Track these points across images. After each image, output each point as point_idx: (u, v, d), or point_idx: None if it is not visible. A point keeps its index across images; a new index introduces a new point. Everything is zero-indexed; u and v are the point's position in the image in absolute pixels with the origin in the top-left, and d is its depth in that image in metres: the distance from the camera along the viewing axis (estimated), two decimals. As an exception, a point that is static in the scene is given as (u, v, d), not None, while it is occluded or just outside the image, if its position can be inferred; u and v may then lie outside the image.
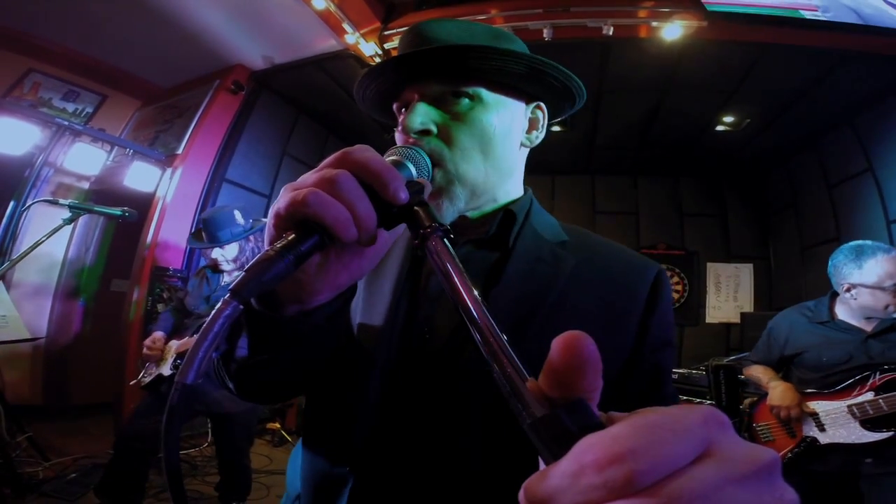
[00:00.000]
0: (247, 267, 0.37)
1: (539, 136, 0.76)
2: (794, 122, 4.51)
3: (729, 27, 3.14)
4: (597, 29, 3.38)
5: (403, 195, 0.43)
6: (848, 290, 1.95)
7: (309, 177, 0.42)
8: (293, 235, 0.39)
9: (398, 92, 0.71)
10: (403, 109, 0.71)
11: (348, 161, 0.43)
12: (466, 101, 0.67)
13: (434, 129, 0.65)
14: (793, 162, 5.30)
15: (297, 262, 0.38)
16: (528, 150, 0.77)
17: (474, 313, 0.33)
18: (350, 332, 0.69)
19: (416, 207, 0.44)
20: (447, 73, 0.67)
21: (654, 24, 3.25)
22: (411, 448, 0.62)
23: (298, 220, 0.40)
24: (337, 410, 0.68)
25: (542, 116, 0.76)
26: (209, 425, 3.66)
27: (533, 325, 0.63)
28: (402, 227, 0.46)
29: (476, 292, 0.35)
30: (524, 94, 0.73)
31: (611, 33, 3.36)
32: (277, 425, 4.32)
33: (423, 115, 0.65)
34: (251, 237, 2.62)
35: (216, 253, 2.57)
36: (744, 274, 5.77)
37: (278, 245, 0.38)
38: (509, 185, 0.74)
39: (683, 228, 6.05)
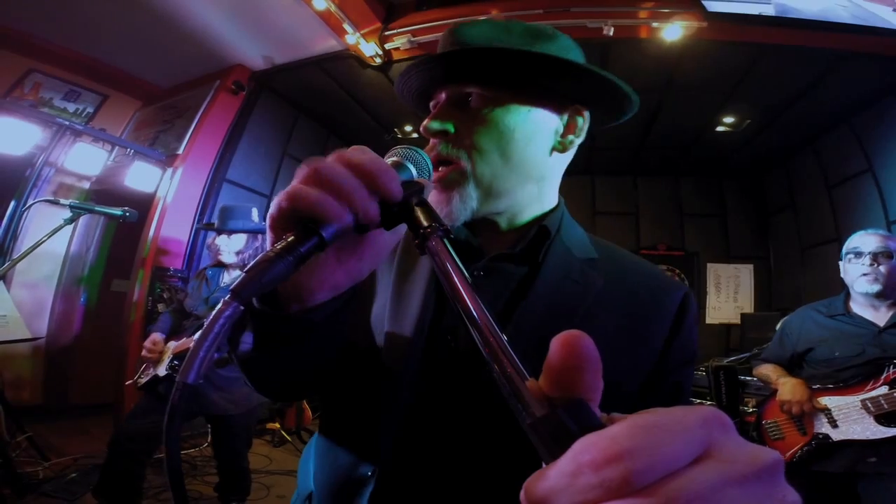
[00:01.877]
0: (247, 268, 0.37)
1: (575, 140, 0.73)
2: (793, 123, 4.50)
3: (728, 28, 3.14)
4: (597, 29, 3.38)
5: (396, 189, 0.43)
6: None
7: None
8: (293, 237, 0.39)
9: (432, 91, 0.73)
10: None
11: (341, 163, 0.43)
12: (490, 106, 0.67)
13: (451, 129, 0.66)
14: (792, 162, 5.30)
15: (296, 263, 0.38)
16: (564, 155, 0.74)
17: (474, 313, 0.33)
18: (369, 335, 0.70)
19: (415, 207, 0.44)
20: (471, 75, 0.67)
21: (655, 24, 3.25)
22: (436, 453, 0.63)
23: (291, 219, 0.41)
24: (362, 412, 0.68)
25: (582, 120, 0.72)
26: (208, 426, 3.65)
27: None
28: (404, 228, 0.46)
29: (474, 291, 0.35)
30: (557, 96, 0.71)
31: (611, 34, 3.36)
32: (277, 425, 4.31)
33: (440, 118, 0.66)
34: (260, 236, 2.64)
35: (221, 240, 2.57)
36: (744, 275, 5.77)
37: (278, 246, 0.38)
38: (538, 191, 0.73)
39: (683, 229, 6.05)
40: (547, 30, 0.71)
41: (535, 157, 0.70)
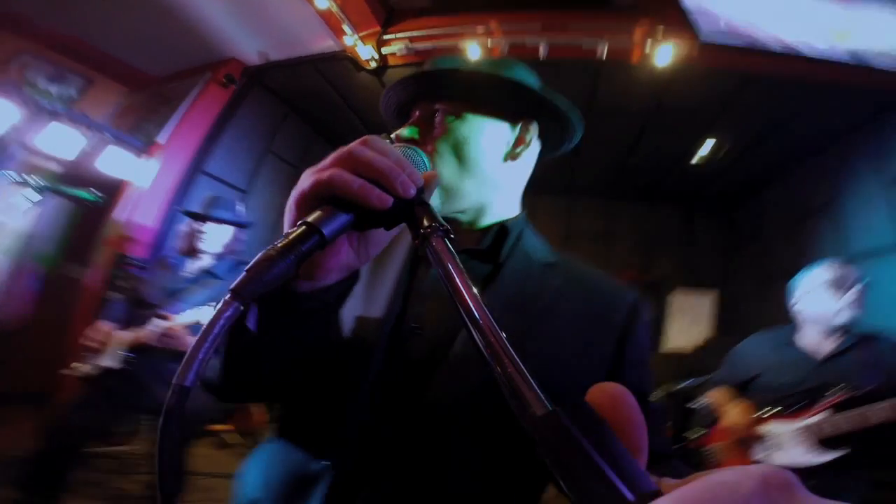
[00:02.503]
0: (247, 267, 0.37)
1: (525, 149, 0.82)
2: (767, 154, 4.57)
3: (718, 55, 3.20)
4: (591, 49, 3.45)
5: (411, 190, 0.45)
6: (795, 304, 2.09)
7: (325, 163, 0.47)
8: (293, 234, 0.40)
9: (410, 108, 0.83)
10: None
11: (350, 160, 0.45)
12: (451, 117, 0.76)
13: (417, 136, 0.75)
14: (763, 194, 5.42)
15: (297, 262, 0.39)
16: (517, 164, 0.82)
17: (475, 313, 0.34)
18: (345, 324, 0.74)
19: (417, 207, 0.45)
20: (438, 94, 0.79)
21: (648, 47, 3.32)
22: (395, 445, 0.64)
23: (322, 199, 0.44)
24: (324, 405, 0.70)
25: (531, 134, 0.82)
26: (141, 422, 3.36)
27: (517, 335, 0.66)
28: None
29: (476, 291, 0.36)
30: (509, 112, 0.80)
31: (605, 55, 3.44)
32: (223, 427, 4.04)
33: (410, 128, 0.76)
34: (243, 231, 2.60)
35: (209, 227, 2.47)
36: (706, 303, 5.93)
37: (279, 244, 0.39)
38: (496, 197, 0.81)
39: (654, 255, 6.18)
40: (508, 60, 0.84)
41: (489, 164, 0.78)
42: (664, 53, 3.28)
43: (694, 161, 4.89)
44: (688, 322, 5.88)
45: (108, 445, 3.35)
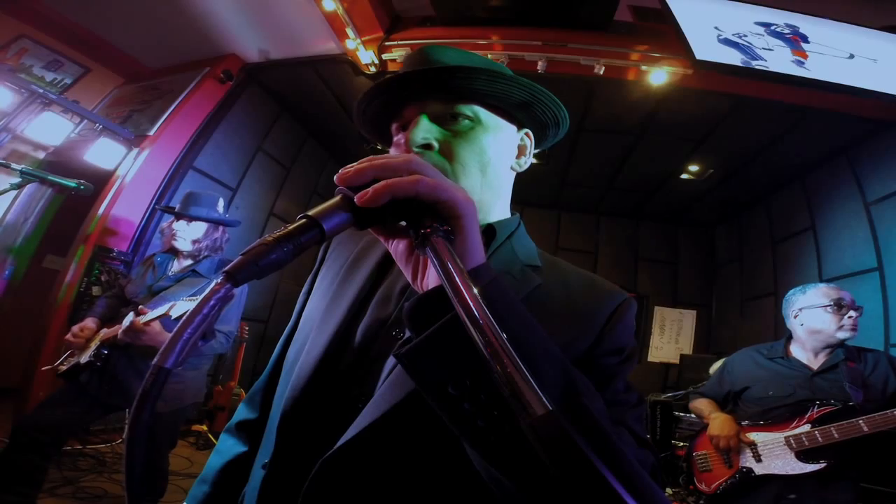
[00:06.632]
0: (243, 251, 0.36)
1: (527, 161, 0.77)
2: (752, 177, 4.64)
3: (711, 77, 3.22)
4: (589, 67, 3.47)
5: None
6: (796, 315, 2.08)
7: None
8: (294, 226, 0.39)
9: (398, 111, 0.71)
10: (402, 129, 0.71)
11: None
12: (467, 121, 0.68)
13: (436, 144, 0.66)
14: (744, 216, 5.54)
15: (295, 252, 0.38)
16: (514, 174, 0.78)
17: (475, 313, 0.33)
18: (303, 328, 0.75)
19: (418, 205, 0.44)
20: (449, 93, 0.67)
21: (644, 67, 3.39)
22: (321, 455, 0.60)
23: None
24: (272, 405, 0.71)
25: (530, 143, 0.77)
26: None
27: None
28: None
29: (476, 291, 0.35)
30: (516, 120, 0.74)
31: (601, 73, 3.50)
32: (205, 428, 3.85)
33: (425, 131, 0.65)
34: (221, 228, 2.46)
35: (179, 225, 2.34)
36: (687, 319, 6.08)
37: (277, 233, 0.38)
38: (499, 207, 0.74)
39: (637, 272, 6.28)
40: (501, 65, 0.76)
41: (502, 175, 0.73)
42: (659, 76, 3.36)
43: (683, 177, 4.96)
44: (669, 336, 6.00)
45: (86, 444, 3.22)
